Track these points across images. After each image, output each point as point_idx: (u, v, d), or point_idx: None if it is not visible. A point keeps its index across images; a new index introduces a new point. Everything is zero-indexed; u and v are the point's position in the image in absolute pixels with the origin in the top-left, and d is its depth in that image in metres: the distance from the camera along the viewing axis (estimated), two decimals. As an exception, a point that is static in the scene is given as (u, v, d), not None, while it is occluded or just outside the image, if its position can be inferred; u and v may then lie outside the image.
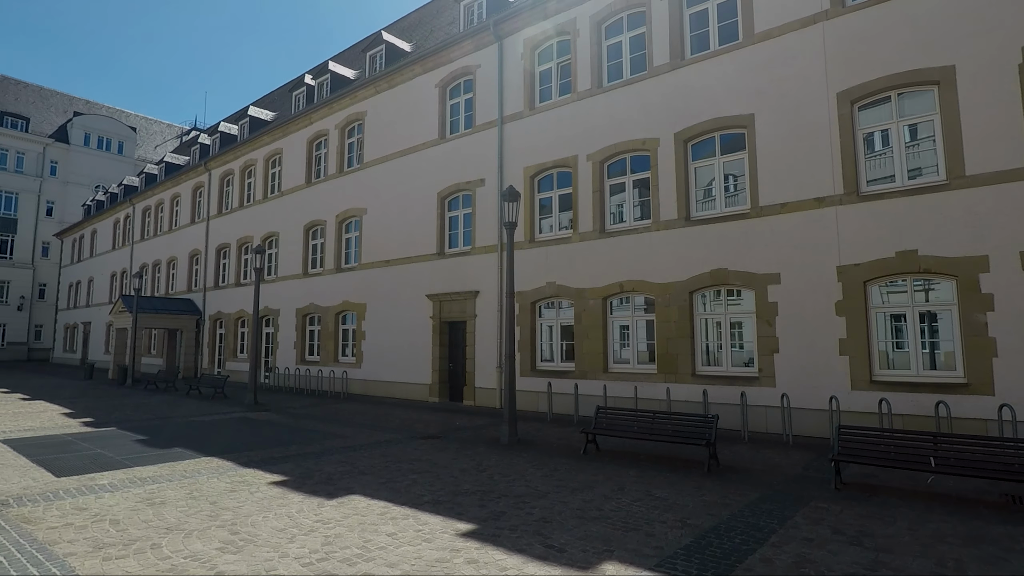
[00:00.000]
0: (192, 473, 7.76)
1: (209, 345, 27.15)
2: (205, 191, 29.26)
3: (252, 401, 16.26)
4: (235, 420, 13.36)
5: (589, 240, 14.04)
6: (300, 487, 7.00)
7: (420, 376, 17.47)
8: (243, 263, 26.04)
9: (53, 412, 14.14)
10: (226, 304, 26.23)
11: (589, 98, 14.54)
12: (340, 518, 5.72)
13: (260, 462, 8.50)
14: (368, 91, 20.47)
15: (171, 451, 9.37)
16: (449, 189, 17.43)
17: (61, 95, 58.59)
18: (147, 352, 31.26)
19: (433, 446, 9.94)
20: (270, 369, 23.09)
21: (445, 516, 5.80)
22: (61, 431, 11.33)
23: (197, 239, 29.18)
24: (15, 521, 5.60)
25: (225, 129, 29.96)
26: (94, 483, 7.21)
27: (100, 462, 8.48)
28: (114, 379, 25.40)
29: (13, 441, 10.08)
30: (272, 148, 25.06)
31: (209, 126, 41.15)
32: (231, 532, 5.29)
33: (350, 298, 20.09)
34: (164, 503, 6.27)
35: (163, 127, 65.62)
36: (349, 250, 20.98)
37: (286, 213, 23.61)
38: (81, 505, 6.21)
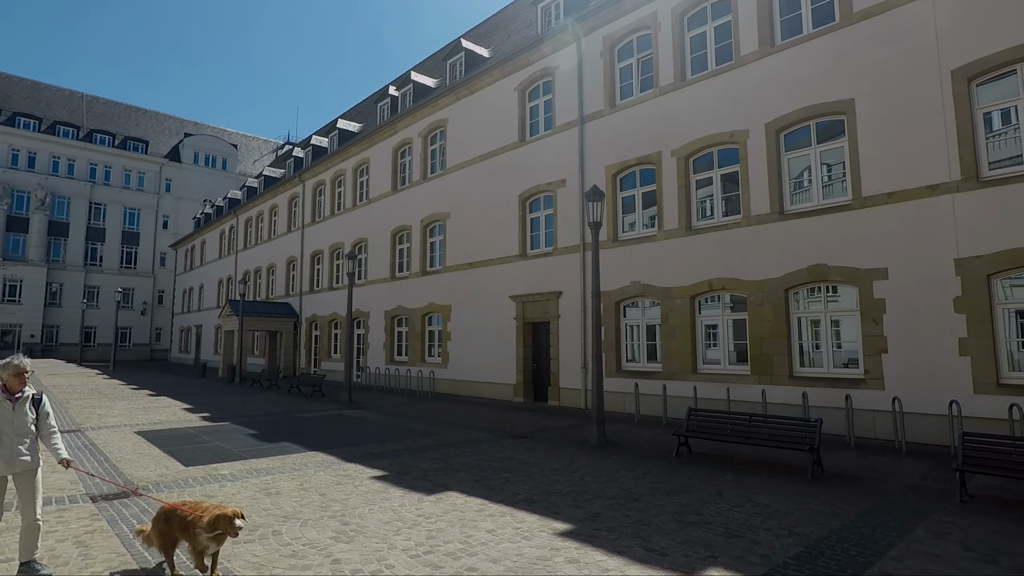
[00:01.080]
0: (300, 466, 8.30)
1: (305, 346, 28.85)
2: (300, 201, 31.13)
3: (347, 399, 17.13)
4: (333, 417, 14.13)
5: (675, 238, 13.71)
6: (399, 482, 7.32)
7: (505, 376, 17.72)
8: (335, 268, 27.48)
9: (176, 408, 15.56)
10: (320, 307, 27.78)
11: (672, 92, 14.20)
12: (440, 513, 5.94)
13: (360, 457, 8.96)
14: (449, 98, 21.01)
15: (280, 445, 10.06)
16: (530, 191, 17.58)
17: (173, 119, 64.14)
18: (251, 352, 33.65)
19: (522, 445, 10.07)
20: (362, 369, 24.22)
21: (541, 515, 5.88)
22: (184, 425, 12.44)
23: (293, 246, 31.10)
24: (155, 506, 6.22)
25: (316, 142, 31.75)
26: (217, 473, 7.87)
27: (220, 454, 9.25)
28: (224, 377, 27.56)
29: (146, 433, 11.19)
30: (360, 158, 26.29)
31: (302, 140, 43.74)
32: (342, 523, 5.63)
33: (435, 300, 20.71)
34: (279, 493, 6.75)
35: (260, 143, 70.35)
36: (434, 253, 21.64)
37: (374, 219, 24.68)
38: (208, 493, 6.81)
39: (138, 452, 9.31)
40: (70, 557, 4.69)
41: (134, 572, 4.47)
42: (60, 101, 56.03)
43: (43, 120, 52.49)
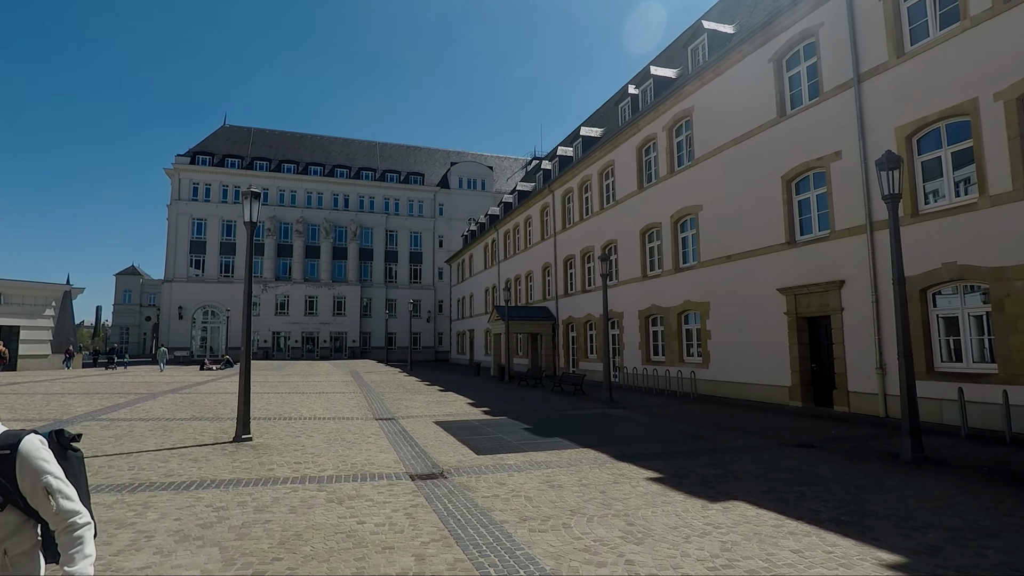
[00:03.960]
0: (576, 462, 8.60)
1: (563, 347, 30.32)
2: (550, 210, 32.96)
3: (608, 399, 17.40)
4: (596, 416, 14.45)
5: (1007, 203, 10.77)
6: (677, 486, 7.05)
7: (777, 377, 16.07)
8: (586, 271, 28.35)
9: (461, 402, 17.67)
10: (575, 309, 28.93)
11: (989, 21, 11.23)
12: (731, 524, 5.51)
13: (632, 457, 8.92)
14: (693, 85, 20.02)
15: (553, 440, 10.61)
16: (795, 170, 15.68)
17: (441, 151, 73.86)
18: (516, 353, 36.67)
19: (810, 456, 8.90)
20: (618, 368, 24.46)
21: (857, 540, 5.03)
22: (470, 417, 14.02)
23: (547, 253, 33.04)
24: (460, 488, 7.04)
25: (562, 152, 33.29)
26: (504, 463, 8.61)
27: (503, 445, 10.13)
28: (495, 376, 30.55)
29: (442, 423, 12.89)
30: (604, 162, 26.71)
31: (548, 153, 46.40)
32: (627, 523, 5.60)
33: (691, 297, 19.84)
34: (561, 487, 7.06)
35: (511, 162, 76.71)
36: (686, 249, 20.79)
37: (622, 220, 24.80)
38: (500, 481, 7.46)
39: (438, 440, 10.73)
40: (404, 526, 5.53)
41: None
42: (362, 151, 69.07)
43: (351, 168, 65.36)
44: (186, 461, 8.50)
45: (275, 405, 16.13)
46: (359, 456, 9.01)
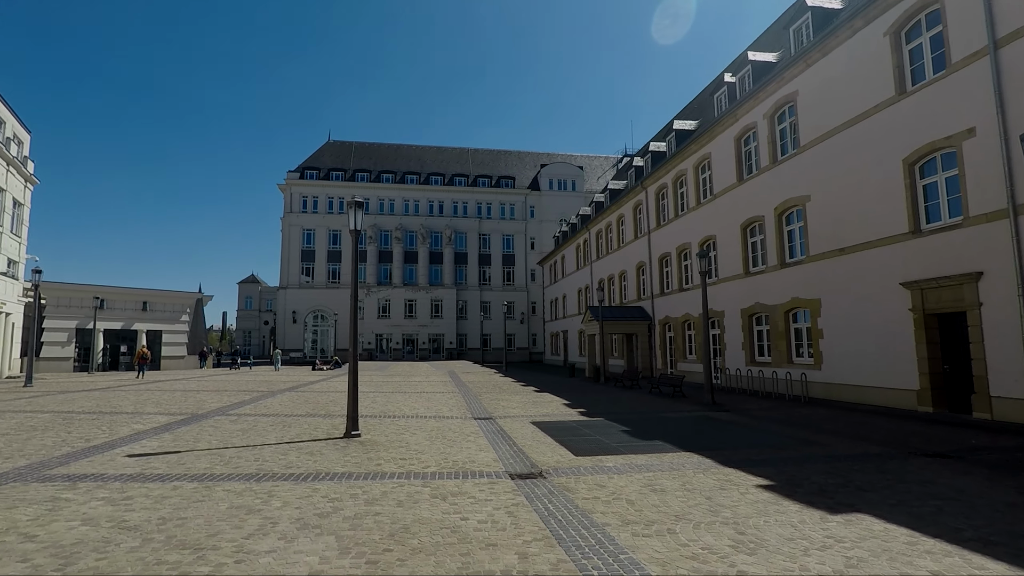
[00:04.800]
0: (678, 466, 8.31)
1: (660, 347, 29.47)
2: (644, 208, 32.19)
3: (709, 401, 16.69)
4: (699, 419, 13.90)
5: None
6: (791, 495, 6.61)
7: (902, 379, 14.67)
8: (683, 269, 27.39)
9: (557, 403, 17.66)
10: (672, 309, 28.03)
11: None
12: (855, 538, 5.08)
13: (738, 462, 8.48)
14: (797, 68, 18.77)
15: (653, 443, 10.33)
16: (919, 151, 14.25)
17: (531, 154, 74.34)
18: (611, 354, 36.13)
19: (946, 467, 8.03)
20: (719, 370, 23.41)
21: (1012, 564, 4.46)
22: (567, 418, 13.97)
23: (641, 252, 32.28)
24: (559, 488, 7.03)
25: (654, 148, 32.42)
26: (602, 464, 8.49)
27: (601, 447, 10.00)
28: (590, 377, 30.25)
29: (539, 423, 12.95)
30: (700, 155, 25.70)
31: (639, 149, 45.38)
32: (737, 531, 5.32)
33: (799, 294, 18.59)
34: (664, 491, 6.85)
35: (601, 160, 75.80)
36: (792, 243, 19.52)
37: (720, 215, 23.73)
38: (599, 483, 7.36)
39: (535, 440, 10.77)
40: (505, 524, 5.60)
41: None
42: (455, 157, 71.06)
43: (445, 175, 67.43)
44: (303, 455, 9.12)
45: (380, 404, 16.94)
46: (460, 454, 9.25)
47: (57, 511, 5.94)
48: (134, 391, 21.10)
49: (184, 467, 8.11)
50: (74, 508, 6.05)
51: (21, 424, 12.23)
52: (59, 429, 11.57)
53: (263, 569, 4.45)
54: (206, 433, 11.25)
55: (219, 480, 7.34)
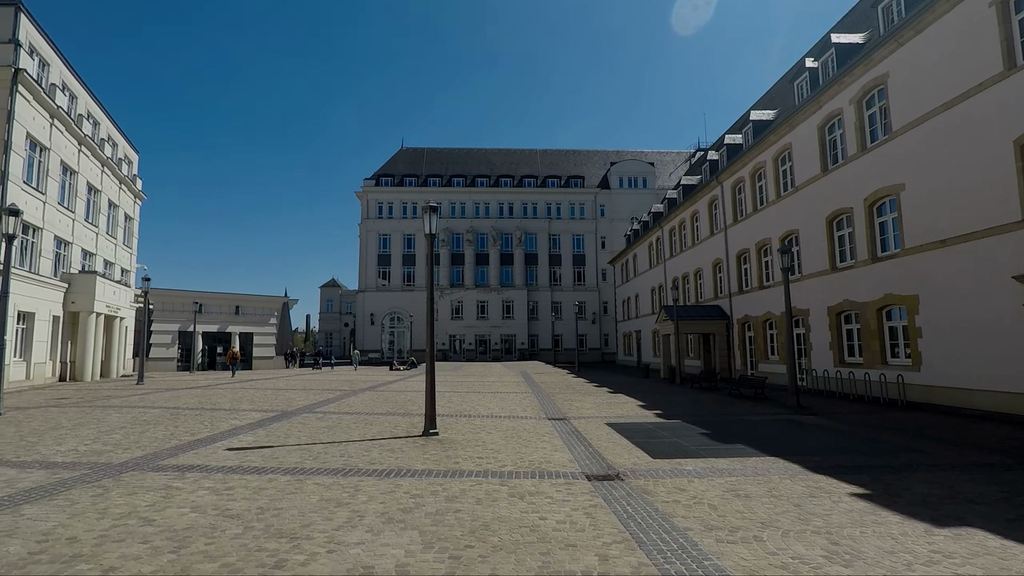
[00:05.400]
0: (763, 471, 7.98)
1: (739, 347, 28.34)
2: (719, 203, 31.09)
3: (794, 403, 15.90)
4: (783, 422, 13.28)
5: None
6: (890, 505, 6.20)
7: (1016, 382, 13.38)
8: (763, 266, 26.23)
9: (632, 404, 17.38)
10: (751, 307, 26.91)
11: None
12: (967, 554, 4.70)
13: (829, 469, 8.04)
14: (887, 48, 17.54)
15: (734, 447, 9.96)
16: (1034, 131, 12.94)
17: (600, 152, 73.57)
18: (687, 355, 35.13)
19: (1074, 479, 7.26)
20: (804, 371, 22.24)
21: None
22: (642, 420, 13.72)
23: (717, 249, 31.19)
24: (638, 491, 6.93)
25: (730, 141, 31.25)
26: (682, 467, 8.28)
27: (680, 449, 9.76)
28: (665, 378, 29.55)
29: (614, 425, 12.80)
30: (779, 146, 24.54)
31: (713, 142, 43.88)
32: (830, 541, 5.05)
33: (894, 290, 17.36)
34: (748, 497, 6.60)
35: (673, 156, 73.88)
36: (885, 235, 18.25)
37: (803, 208, 22.55)
38: (679, 486, 7.19)
39: (611, 441, 10.66)
40: (584, 525, 5.59)
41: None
42: (523, 159, 71.44)
43: (514, 176, 67.93)
44: (385, 451, 9.48)
45: (455, 403, 17.30)
46: (535, 454, 9.30)
47: (170, 498, 6.49)
48: (230, 389, 22.64)
49: (277, 461, 8.63)
50: (184, 496, 6.58)
51: (136, 419, 13.42)
52: (168, 424, 12.61)
53: (353, 560, 4.67)
54: (295, 429, 11.91)
55: (309, 474, 7.76)
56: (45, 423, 12.57)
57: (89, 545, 4.97)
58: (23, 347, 23.88)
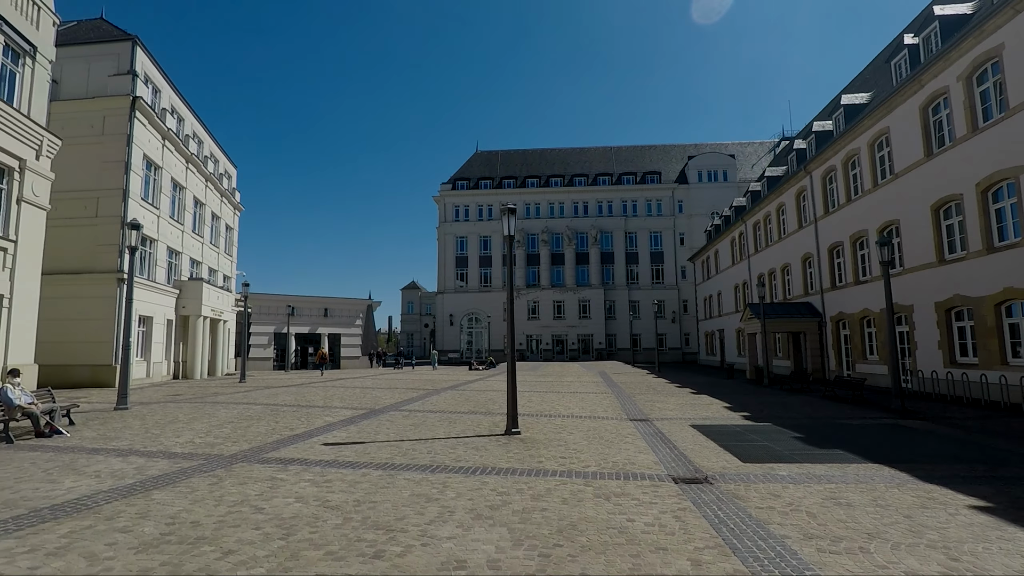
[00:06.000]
0: (866, 478, 7.49)
1: (834, 347, 26.68)
2: (808, 194, 29.42)
3: (898, 407, 14.78)
4: (886, 427, 12.39)
5: None
6: (1018, 520, 5.65)
7: None
8: (859, 259, 24.57)
9: (717, 406, 16.79)
10: (846, 304, 25.27)
11: None
12: (1113, 576, 4.22)
13: (942, 478, 7.43)
14: (1002, 16, 15.97)
15: (832, 452, 9.42)
16: None
17: (677, 146, 71.56)
18: (775, 354, 33.49)
19: None
20: (908, 372, 20.62)
21: None
22: (729, 422, 13.23)
23: (806, 242, 29.52)
24: (728, 495, 6.71)
25: (818, 128, 29.51)
26: (774, 472, 7.93)
27: (771, 453, 9.34)
28: (751, 379, 28.31)
29: (699, 427, 12.43)
30: (875, 131, 22.89)
31: (799, 131, 41.59)
32: (948, 557, 4.69)
33: (1015, 283, 15.76)
34: (851, 506, 6.22)
35: (756, 147, 70.64)
36: (1003, 223, 16.61)
37: (904, 196, 20.92)
38: (773, 492, 6.89)
39: (697, 443, 10.36)
40: (674, 529, 5.48)
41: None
42: (598, 157, 70.72)
43: (588, 175, 67.39)
44: (470, 449, 9.70)
45: (535, 403, 17.41)
46: (619, 455, 9.21)
47: (276, 489, 6.97)
48: (321, 387, 23.92)
49: (369, 456, 9.04)
50: (288, 487, 7.04)
51: (241, 414, 14.48)
52: (269, 419, 13.51)
53: (446, 554, 4.83)
54: (384, 426, 12.42)
55: (399, 469, 8.08)
56: (164, 417, 13.82)
57: (210, 529, 5.43)
58: (143, 348, 26.34)
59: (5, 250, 16.49)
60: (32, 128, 17.33)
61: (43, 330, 18.85)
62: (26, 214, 17.19)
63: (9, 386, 10.88)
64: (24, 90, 17.54)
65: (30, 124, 17.23)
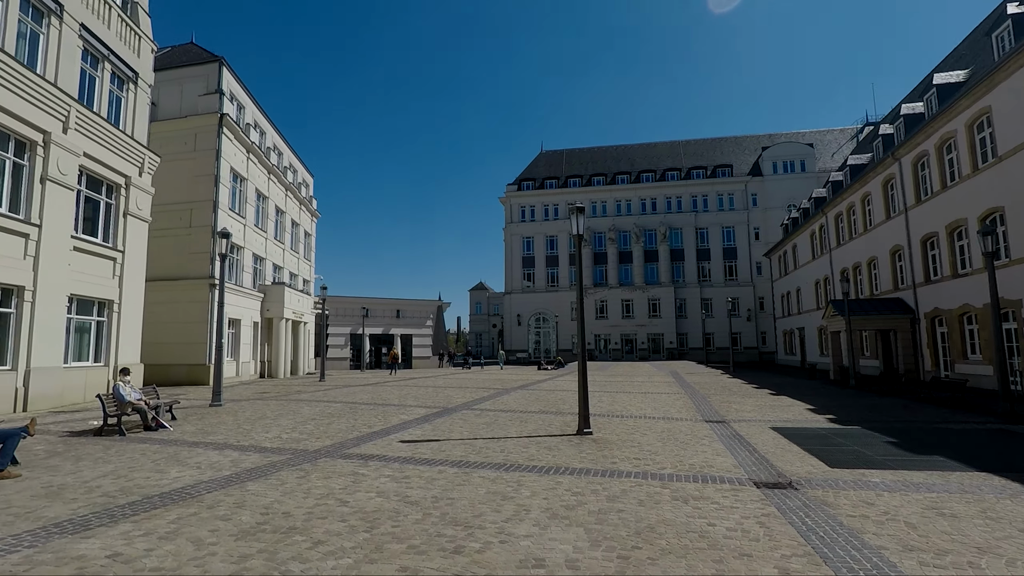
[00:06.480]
0: (972, 488, 6.93)
1: (928, 345, 24.81)
2: (897, 182, 27.51)
3: (1007, 411, 13.55)
4: (991, 432, 11.41)
5: None
6: None
7: None
8: (957, 251, 22.73)
9: (799, 407, 16.01)
10: (943, 299, 23.43)
11: None
12: None
13: (1063, 490, 6.76)
14: None
15: (931, 459, 8.77)
16: None
17: (750, 137, 68.86)
18: (861, 354, 31.53)
19: None
20: (1016, 373, 18.88)
21: None
22: (813, 425, 12.58)
23: (896, 234, 27.62)
24: (816, 501, 6.39)
25: (907, 111, 27.55)
26: (866, 479, 7.47)
27: (862, 459, 8.80)
28: (835, 379, 26.78)
29: (780, 429, 11.89)
30: (975, 110, 21.11)
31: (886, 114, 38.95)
32: (1073, 574, 4.27)
33: None
34: (956, 517, 5.78)
35: (836, 134, 66.89)
36: None
37: (1010, 180, 19.17)
38: (865, 499, 6.50)
39: (779, 447, 9.92)
40: (758, 535, 5.28)
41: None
42: (665, 152, 69.11)
43: (656, 171, 65.97)
44: (542, 449, 9.73)
45: (606, 403, 17.22)
46: (695, 457, 8.96)
47: (358, 483, 7.26)
48: (395, 386, 24.69)
49: (444, 454, 9.26)
50: (369, 482, 7.33)
51: (323, 412, 15.18)
52: (348, 417, 14.09)
53: (524, 552, 4.87)
54: (457, 425, 12.67)
55: (474, 467, 8.22)
56: (254, 413, 14.70)
57: (300, 519, 5.74)
58: (233, 349, 28.13)
59: (114, 260, 18.05)
60: (136, 147, 18.88)
61: (146, 332, 20.52)
62: (131, 226, 18.74)
63: (121, 384, 11.91)
64: (128, 113, 19.13)
65: (134, 144, 18.77)
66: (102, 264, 17.52)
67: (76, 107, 16.28)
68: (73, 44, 16.52)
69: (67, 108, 15.95)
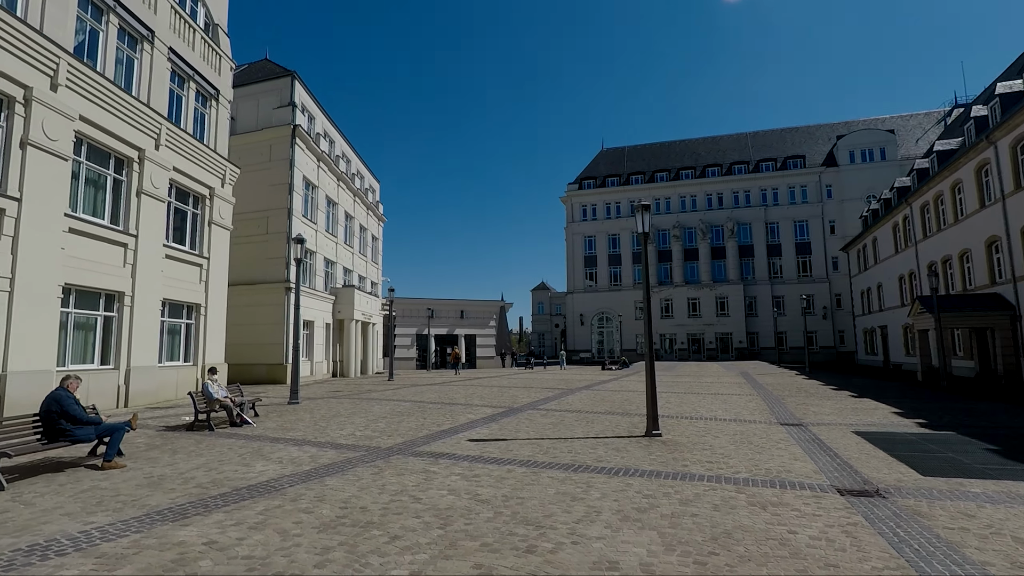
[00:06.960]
0: (1089, 501, 6.32)
1: (1032, 345, 22.75)
2: (992, 167, 25.41)
3: None
4: (1113, 440, 10.33)
5: None
6: None
7: None
8: (1065, 241, 20.73)
9: (884, 411, 15.08)
10: (1049, 294, 21.44)
11: None
12: None
13: None
14: None
15: (1040, 468, 8.05)
16: None
17: (823, 126, 65.51)
18: (953, 353, 29.33)
19: None
20: None
21: None
22: (900, 429, 11.83)
23: (992, 224, 25.51)
24: (907, 511, 6.01)
25: (1003, 89, 25.45)
26: (964, 489, 6.96)
27: (958, 467, 8.20)
28: (923, 381, 25.04)
29: (864, 434, 11.24)
30: (1085, 86, 19.18)
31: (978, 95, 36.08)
32: None
33: None
34: (1071, 532, 5.29)
35: (920, 118, 62.67)
36: None
37: None
38: (964, 511, 6.06)
39: (863, 452, 9.39)
40: (844, 545, 5.02)
41: None
42: (731, 145, 66.79)
43: (723, 165, 63.88)
44: (610, 450, 9.63)
45: (674, 404, 16.84)
46: (771, 462, 8.62)
47: (430, 481, 7.44)
48: (461, 386, 25.09)
49: (512, 453, 9.33)
50: (440, 480, 7.49)
51: (393, 410, 15.64)
52: (417, 415, 14.45)
53: (597, 554, 4.85)
54: (523, 425, 12.73)
55: (542, 467, 8.24)
56: (329, 411, 15.33)
57: (377, 515, 5.94)
58: (307, 349, 29.43)
59: (201, 266, 19.29)
60: (218, 160, 20.11)
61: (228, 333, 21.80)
62: (215, 234, 19.96)
63: (210, 382, 12.72)
64: (211, 128, 20.40)
65: (217, 157, 20.00)
66: (190, 270, 18.78)
67: (166, 125, 17.54)
68: (163, 67, 17.80)
69: (159, 126, 17.20)
